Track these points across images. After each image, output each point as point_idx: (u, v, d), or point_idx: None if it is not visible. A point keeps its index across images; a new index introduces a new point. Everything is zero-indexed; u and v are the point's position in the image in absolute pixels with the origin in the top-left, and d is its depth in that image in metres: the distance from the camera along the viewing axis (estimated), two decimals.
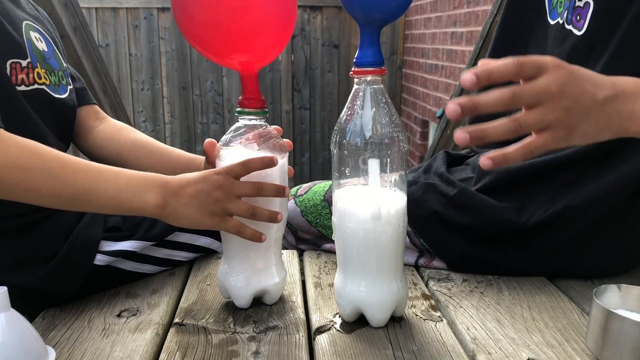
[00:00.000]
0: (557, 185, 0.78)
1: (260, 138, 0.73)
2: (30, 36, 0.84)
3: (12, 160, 0.66)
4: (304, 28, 4.03)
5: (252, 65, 0.72)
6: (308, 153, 4.25)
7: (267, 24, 0.71)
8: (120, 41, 4.00)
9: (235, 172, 0.69)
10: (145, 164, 0.93)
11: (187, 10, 0.71)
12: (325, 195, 0.95)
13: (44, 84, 0.84)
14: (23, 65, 0.80)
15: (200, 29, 0.71)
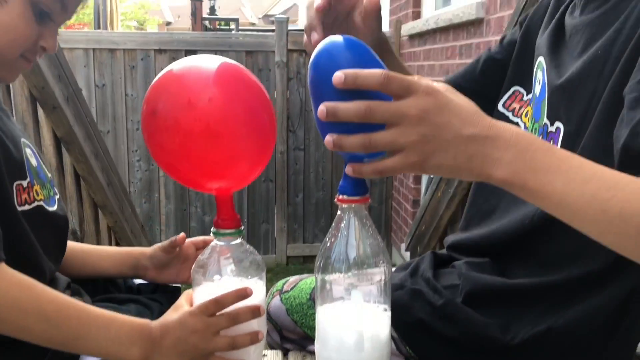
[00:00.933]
0: (542, 306, 0.78)
1: (235, 259, 0.74)
2: (26, 154, 0.86)
3: (10, 299, 0.68)
4: (300, 71, 4.08)
5: (227, 190, 0.73)
6: (302, 193, 4.25)
7: (241, 155, 0.71)
8: (116, 81, 4.03)
9: (209, 311, 0.71)
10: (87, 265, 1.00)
11: (156, 138, 0.71)
12: (311, 294, 0.94)
13: (41, 200, 0.86)
14: (24, 185, 0.82)
15: (169, 157, 0.71)
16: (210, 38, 4.26)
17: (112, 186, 1.80)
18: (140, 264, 0.98)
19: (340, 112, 0.55)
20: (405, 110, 0.54)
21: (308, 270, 4.08)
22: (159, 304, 0.93)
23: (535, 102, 0.86)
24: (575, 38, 0.81)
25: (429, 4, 3.80)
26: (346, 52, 0.60)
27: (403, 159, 0.55)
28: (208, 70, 0.71)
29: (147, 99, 0.71)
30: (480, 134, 0.55)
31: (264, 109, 0.73)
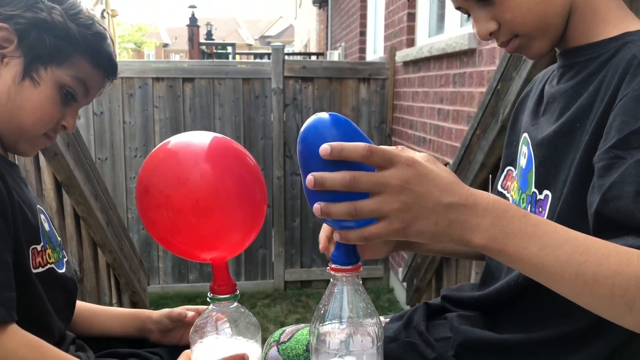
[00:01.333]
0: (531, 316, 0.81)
1: (232, 322, 0.76)
2: (41, 219, 0.90)
3: (18, 358, 0.72)
4: (296, 97, 4.13)
5: (222, 259, 0.75)
6: (299, 218, 4.27)
7: (232, 227, 0.73)
8: (114, 109, 4.07)
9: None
10: (94, 325, 1.03)
11: (149, 215, 0.74)
12: (308, 344, 0.96)
13: (52, 263, 0.90)
14: (38, 249, 0.86)
15: (163, 232, 0.74)
16: (207, 66, 4.32)
17: (111, 225, 1.82)
18: (146, 327, 1.02)
19: (327, 182, 0.59)
20: (388, 180, 0.58)
21: (306, 295, 4.09)
22: (160, 357, 0.95)
23: (521, 175, 0.89)
24: (552, 105, 0.85)
25: (423, 32, 3.86)
26: (332, 127, 0.64)
27: (387, 225, 0.59)
28: (198, 147, 0.75)
29: (140, 177, 0.75)
30: (459, 202, 0.59)
31: (254, 180, 0.76)
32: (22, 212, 0.82)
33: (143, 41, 19.72)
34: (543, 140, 0.83)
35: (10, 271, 0.75)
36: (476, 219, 0.59)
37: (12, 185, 0.82)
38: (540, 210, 0.81)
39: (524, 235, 0.58)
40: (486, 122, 1.49)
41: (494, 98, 1.45)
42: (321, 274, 4.25)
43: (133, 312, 1.05)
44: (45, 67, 0.83)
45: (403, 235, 0.60)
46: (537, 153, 0.84)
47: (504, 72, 1.38)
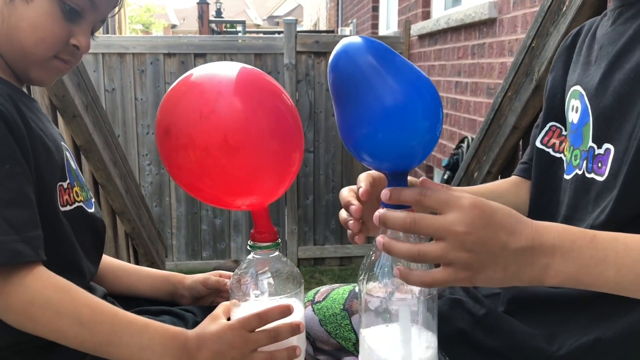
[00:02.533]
0: (589, 317, 0.76)
1: (273, 273, 0.72)
2: (66, 156, 0.85)
3: (44, 300, 0.67)
4: (309, 73, 4.07)
5: (259, 205, 0.70)
6: (312, 196, 4.24)
7: (266, 168, 0.67)
8: (126, 86, 4.03)
9: (251, 325, 0.69)
10: (123, 283, 0.98)
11: (173, 158, 0.67)
12: (345, 304, 0.93)
13: (81, 201, 0.85)
14: (65, 186, 0.81)
15: (189, 177, 0.67)
16: (218, 41, 4.26)
17: (129, 193, 1.79)
18: (178, 292, 0.98)
19: (389, 221, 0.58)
20: (451, 226, 0.55)
21: (319, 272, 4.08)
22: (193, 315, 0.92)
23: (572, 130, 0.84)
24: (607, 49, 0.79)
25: (439, 4, 3.78)
26: (365, 51, 0.63)
27: (453, 274, 0.56)
28: (222, 78, 0.67)
29: (159, 118, 0.68)
30: (526, 245, 0.56)
31: (290, 117, 0.69)
32: (45, 147, 0.78)
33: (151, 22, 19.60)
34: (603, 89, 0.77)
35: (35, 208, 0.71)
36: (545, 258, 0.57)
37: (31, 118, 0.77)
38: (599, 166, 0.76)
39: (597, 262, 0.57)
40: (519, 82, 1.44)
41: (527, 56, 1.39)
42: (334, 251, 4.23)
43: (165, 274, 1.01)
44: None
45: (470, 283, 0.57)
46: (595, 104, 0.78)
47: (540, 27, 1.32)
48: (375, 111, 0.62)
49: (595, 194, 0.76)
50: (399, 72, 0.63)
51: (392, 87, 0.62)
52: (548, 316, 0.79)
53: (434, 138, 0.65)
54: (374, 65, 0.62)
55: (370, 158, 0.66)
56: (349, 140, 0.67)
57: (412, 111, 0.62)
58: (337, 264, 4.28)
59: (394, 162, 0.65)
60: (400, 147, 0.63)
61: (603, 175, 0.75)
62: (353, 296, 0.94)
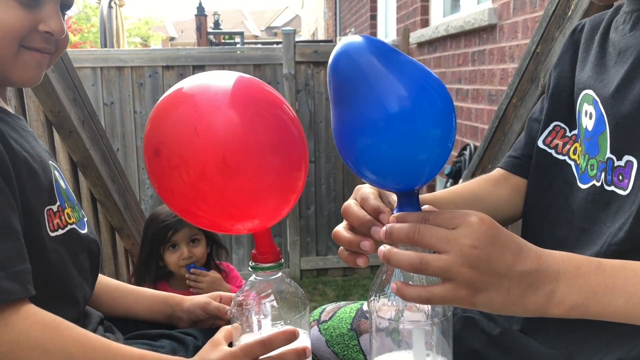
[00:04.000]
0: (610, 336, 0.72)
1: (277, 295, 0.68)
2: (56, 177, 0.82)
3: (31, 339, 0.63)
4: (308, 83, 4.05)
5: (260, 227, 0.66)
6: (314, 206, 4.21)
7: (267, 188, 0.61)
8: (125, 99, 4.01)
9: (255, 353, 0.65)
10: (120, 305, 0.95)
11: (164, 181, 0.60)
12: (353, 323, 0.89)
13: (74, 223, 0.82)
14: (55, 210, 0.78)
15: (183, 202, 0.61)
16: (217, 53, 4.25)
17: (129, 209, 1.76)
18: (176, 314, 0.95)
19: (394, 234, 0.55)
20: (457, 238, 0.52)
21: (322, 283, 4.04)
22: (194, 338, 0.88)
23: (586, 138, 0.80)
24: (626, 55, 0.75)
25: (437, 11, 3.76)
26: (366, 51, 0.58)
27: (453, 291, 0.53)
28: (217, 89, 0.60)
29: (147, 136, 0.61)
30: (531, 269, 0.54)
31: (293, 126, 0.63)
32: (31, 170, 0.74)
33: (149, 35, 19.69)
34: (620, 97, 0.73)
35: (21, 240, 0.67)
36: (549, 284, 0.54)
37: (15, 139, 0.73)
38: (620, 179, 0.72)
39: (605, 290, 0.54)
40: (524, 88, 1.41)
41: (532, 62, 1.36)
42: (337, 262, 4.18)
43: (163, 296, 0.97)
44: None
45: (469, 304, 0.53)
46: (613, 112, 0.73)
47: (544, 32, 1.29)
48: (377, 118, 0.56)
49: (616, 208, 0.72)
50: (404, 73, 0.57)
51: (397, 90, 0.56)
52: (566, 335, 0.75)
53: (447, 150, 0.59)
54: (376, 66, 0.56)
55: (372, 175, 0.60)
56: (348, 154, 0.60)
57: (421, 117, 0.56)
58: (340, 274, 4.23)
59: (399, 179, 0.59)
60: (406, 160, 0.57)
61: (626, 189, 0.71)
62: (361, 315, 0.90)
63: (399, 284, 0.55)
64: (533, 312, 0.54)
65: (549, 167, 0.85)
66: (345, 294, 3.79)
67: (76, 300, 0.80)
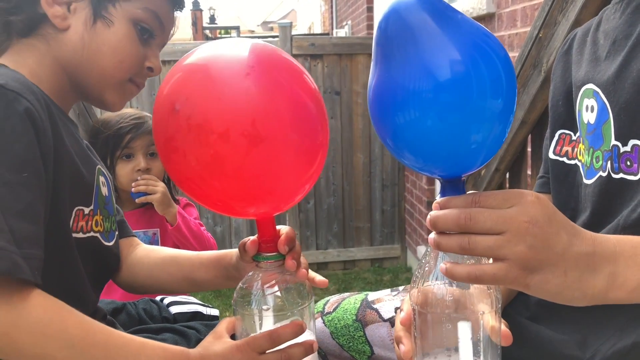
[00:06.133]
0: (624, 318, 0.70)
1: (281, 285, 0.66)
2: (99, 181, 0.82)
3: (32, 321, 0.60)
4: None
5: (266, 214, 0.63)
6: (313, 200, 4.19)
7: (287, 163, 0.56)
8: None
9: (261, 347, 0.63)
10: (178, 277, 0.91)
11: (177, 143, 0.54)
12: (358, 314, 0.87)
13: (99, 232, 0.81)
14: (85, 212, 0.77)
15: (195, 171, 0.56)
16: None
17: None
18: (231, 275, 0.86)
19: (439, 222, 0.52)
20: (513, 217, 0.49)
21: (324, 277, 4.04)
22: (196, 331, 0.86)
23: (589, 131, 0.78)
24: (619, 43, 0.74)
25: None
26: (419, 9, 0.50)
27: (505, 270, 0.50)
28: (245, 53, 0.56)
29: (164, 92, 0.57)
30: (588, 251, 0.51)
31: (315, 106, 0.58)
32: (74, 165, 0.74)
33: None
34: (621, 82, 0.71)
35: (41, 226, 0.64)
36: (608, 266, 0.51)
37: (65, 134, 0.73)
38: (628, 165, 0.70)
39: None
40: (526, 74, 1.38)
41: (534, 47, 1.34)
42: (337, 255, 4.17)
43: (216, 257, 0.89)
44: (113, 3, 0.77)
45: (523, 285, 0.51)
46: (614, 100, 0.72)
47: (547, 17, 1.27)
48: (423, 87, 0.48)
49: (630, 195, 0.70)
50: (459, 33, 0.48)
51: (448, 52, 0.47)
52: (578, 319, 0.73)
53: (506, 126, 0.53)
54: (427, 25, 0.48)
55: (413, 157, 0.54)
56: (384, 129, 0.53)
57: (477, 85, 0.48)
58: (341, 268, 4.22)
59: (447, 163, 0.53)
60: (458, 140, 0.50)
61: (637, 173, 0.69)
62: (366, 305, 0.88)
63: (448, 264, 0.52)
64: (593, 297, 0.52)
65: (565, 174, 0.84)
66: (346, 287, 3.78)
67: (85, 302, 0.79)
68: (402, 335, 0.65)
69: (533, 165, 1.51)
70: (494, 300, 0.58)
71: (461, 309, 0.57)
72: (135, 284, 0.93)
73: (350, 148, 4.02)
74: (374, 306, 0.86)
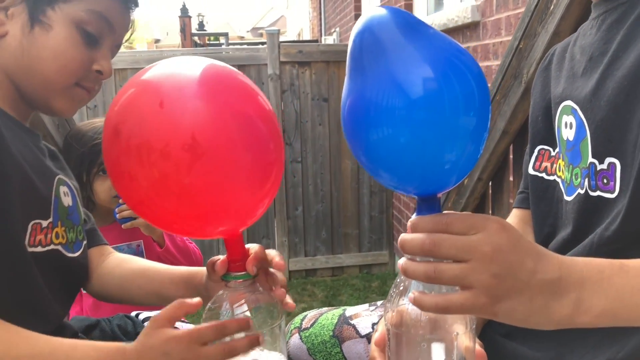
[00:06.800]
0: (598, 336, 0.71)
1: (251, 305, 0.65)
2: (59, 192, 0.80)
3: None
4: (293, 83, 4.03)
5: (231, 231, 0.62)
6: (301, 206, 4.18)
7: (236, 177, 0.55)
8: (108, 102, 3.95)
9: (203, 338, 0.60)
10: (147, 291, 0.90)
11: (122, 165, 0.54)
12: (335, 330, 0.87)
13: (60, 244, 0.79)
14: (44, 225, 0.75)
15: (142, 192, 0.55)
16: (200, 53, 4.20)
17: None
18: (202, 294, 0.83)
19: (406, 246, 0.53)
20: (477, 246, 0.50)
21: (311, 284, 4.02)
22: None
23: (568, 148, 0.79)
24: (596, 60, 0.74)
25: (421, 10, 3.75)
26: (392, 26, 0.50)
27: (472, 299, 0.51)
28: (186, 78, 0.56)
29: (108, 116, 0.57)
30: (554, 277, 0.51)
31: (266, 125, 0.58)
32: (26, 178, 0.71)
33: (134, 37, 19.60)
34: (597, 100, 0.72)
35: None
36: (574, 291, 0.51)
37: (17, 148, 0.71)
38: (605, 182, 0.70)
39: (632, 292, 0.52)
40: (507, 85, 1.39)
41: (515, 58, 1.35)
42: (326, 261, 4.17)
43: (187, 275, 0.87)
44: (52, 6, 0.73)
45: (490, 313, 0.51)
46: (591, 117, 0.72)
47: (527, 28, 1.27)
48: (395, 104, 0.48)
49: (607, 213, 0.70)
50: (431, 49, 0.48)
51: (421, 69, 0.47)
52: (554, 337, 0.73)
53: (480, 144, 0.53)
54: (399, 41, 0.48)
55: (387, 174, 0.54)
56: (358, 147, 0.53)
57: (450, 102, 0.48)
58: (329, 274, 4.22)
59: (420, 180, 0.53)
60: (431, 157, 0.50)
61: (613, 191, 0.69)
62: (343, 321, 0.88)
63: (417, 293, 0.52)
64: (559, 323, 0.52)
65: (544, 190, 0.84)
66: (335, 294, 3.77)
67: (45, 316, 0.77)
68: (376, 355, 0.65)
69: (515, 174, 1.52)
70: (468, 320, 0.58)
71: (435, 329, 0.57)
72: (105, 293, 0.92)
73: (339, 155, 4.03)
74: (352, 322, 0.86)
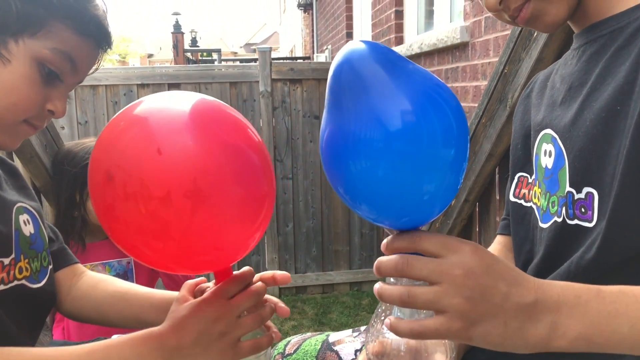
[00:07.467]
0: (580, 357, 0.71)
1: None
2: (19, 224, 0.77)
3: None
4: (284, 100, 4.05)
5: (224, 268, 0.63)
6: (292, 223, 4.17)
7: (233, 218, 0.55)
8: (99, 118, 3.95)
9: (230, 292, 0.62)
10: (127, 315, 0.87)
11: (116, 212, 0.52)
12: (318, 356, 0.87)
13: (24, 277, 0.77)
14: (5, 263, 0.73)
15: (138, 238, 0.53)
16: (192, 71, 4.22)
17: None
18: None
19: (381, 268, 0.53)
20: (448, 269, 0.50)
21: (301, 301, 3.99)
22: None
23: (546, 176, 0.79)
24: (575, 90, 0.75)
25: (411, 29, 3.80)
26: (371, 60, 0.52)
27: (446, 323, 0.50)
28: (184, 108, 0.54)
29: (95, 160, 0.54)
30: (529, 301, 0.51)
31: (258, 158, 0.58)
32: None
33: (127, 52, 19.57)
34: (575, 130, 0.72)
35: None
36: (550, 315, 0.51)
37: None
38: (583, 212, 0.70)
39: (608, 318, 0.52)
40: (492, 108, 1.41)
41: (500, 83, 1.37)
42: (316, 279, 4.15)
43: (169, 300, 0.85)
44: (15, 39, 0.67)
45: (465, 338, 0.51)
46: (570, 146, 0.73)
47: (512, 53, 1.29)
48: (375, 135, 0.49)
49: (583, 241, 0.71)
50: (409, 83, 0.49)
51: (398, 102, 0.48)
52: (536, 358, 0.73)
53: (459, 176, 0.53)
54: (378, 75, 0.50)
55: (367, 207, 0.54)
56: (336, 180, 0.54)
57: (428, 135, 0.48)
58: (320, 291, 4.20)
59: (400, 214, 0.53)
60: (410, 190, 0.51)
61: (591, 221, 0.70)
62: (326, 347, 0.88)
63: (392, 319, 0.52)
64: (535, 347, 0.52)
65: (522, 217, 0.85)
66: (325, 311, 3.75)
67: None
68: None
69: (501, 196, 1.53)
70: (447, 349, 0.58)
71: (416, 359, 0.57)
72: (82, 316, 0.90)
73: None
74: (335, 348, 0.86)
